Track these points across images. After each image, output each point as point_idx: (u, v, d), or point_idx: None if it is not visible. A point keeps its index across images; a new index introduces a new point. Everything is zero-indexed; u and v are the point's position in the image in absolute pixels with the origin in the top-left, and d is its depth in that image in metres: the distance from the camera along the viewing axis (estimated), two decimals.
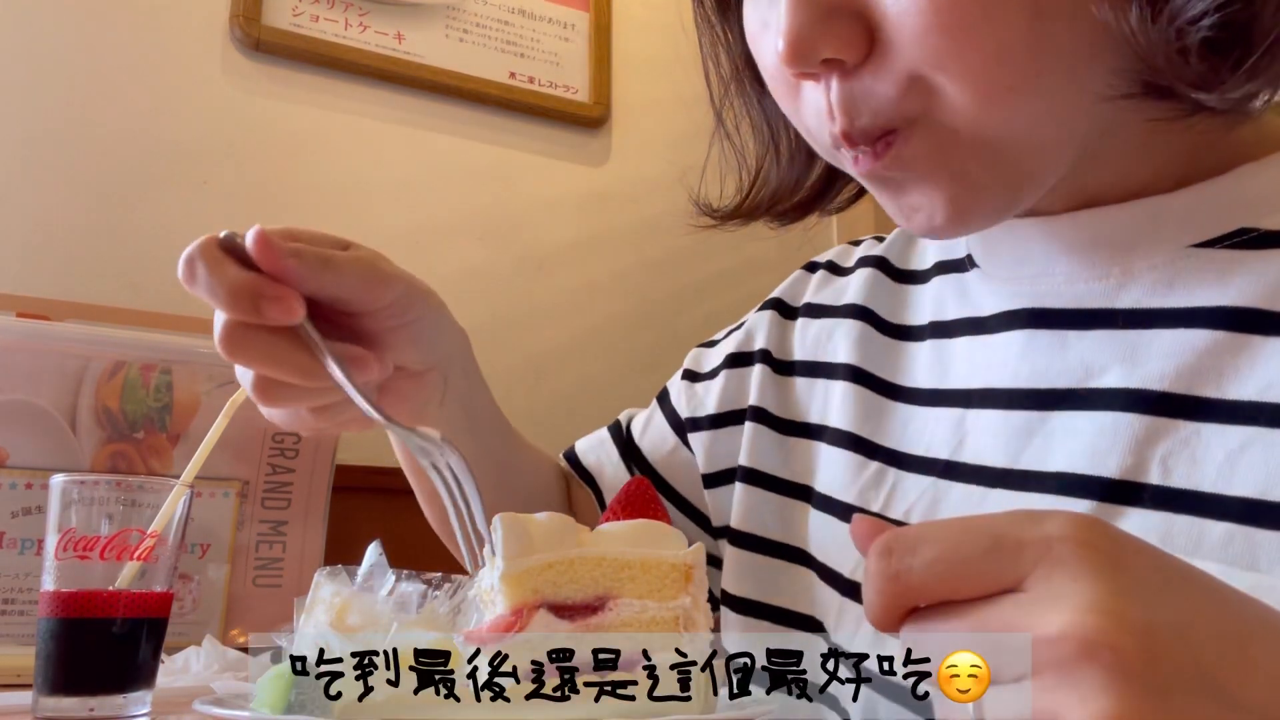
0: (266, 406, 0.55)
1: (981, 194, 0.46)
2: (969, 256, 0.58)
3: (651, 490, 0.50)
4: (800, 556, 0.62)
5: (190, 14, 1.36)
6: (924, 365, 0.59)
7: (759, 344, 0.70)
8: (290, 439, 1.04)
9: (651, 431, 0.75)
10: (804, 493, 0.63)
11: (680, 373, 0.77)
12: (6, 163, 1.23)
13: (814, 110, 0.47)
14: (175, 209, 1.31)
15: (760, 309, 0.73)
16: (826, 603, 0.59)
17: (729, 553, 0.66)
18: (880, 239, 0.69)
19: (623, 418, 0.79)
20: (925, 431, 0.56)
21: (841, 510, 0.60)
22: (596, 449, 0.78)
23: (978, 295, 0.56)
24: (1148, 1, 0.38)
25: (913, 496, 0.55)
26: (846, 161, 0.48)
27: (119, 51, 1.31)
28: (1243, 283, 0.44)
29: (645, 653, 0.45)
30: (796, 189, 0.60)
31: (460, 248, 1.49)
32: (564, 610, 0.45)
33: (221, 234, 0.51)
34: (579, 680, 0.43)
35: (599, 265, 1.59)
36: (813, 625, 0.60)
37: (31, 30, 1.27)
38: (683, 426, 0.73)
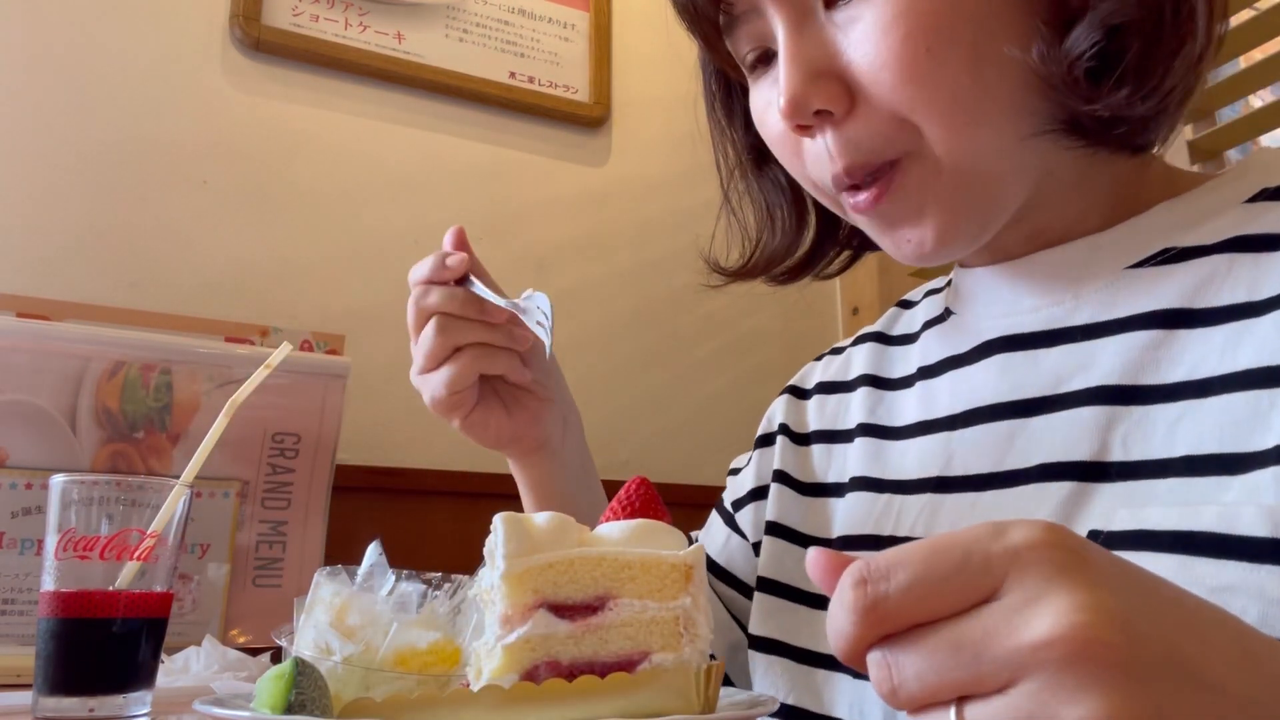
0: (442, 340, 0.74)
1: (961, 221, 0.56)
2: (947, 310, 0.69)
3: (652, 490, 0.50)
4: (820, 602, 0.66)
5: (190, 14, 1.36)
6: (914, 404, 0.68)
7: (779, 421, 0.79)
8: (290, 439, 1.04)
9: (709, 533, 0.83)
10: (824, 544, 0.69)
11: (728, 473, 0.86)
12: (7, 163, 1.23)
13: (816, 159, 0.58)
14: (175, 209, 1.31)
15: (777, 398, 0.83)
16: None
17: (756, 598, 0.71)
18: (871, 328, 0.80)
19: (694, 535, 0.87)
20: (919, 458, 0.64)
21: (857, 545, 0.65)
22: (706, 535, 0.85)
23: (957, 338, 0.66)
24: (1044, 42, 0.51)
25: (914, 514, 0.61)
26: (848, 203, 0.58)
27: (119, 51, 1.31)
28: (1167, 290, 0.55)
29: (644, 653, 0.45)
30: (789, 254, 0.72)
31: None
32: (564, 610, 0.45)
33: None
34: (579, 680, 0.43)
35: (599, 265, 1.59)
36: (832, 663, 0.63)
37: (31, 30, 1.27)
38: (730, 514, 0.81)
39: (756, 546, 0.76)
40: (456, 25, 1.52)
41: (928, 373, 0.67)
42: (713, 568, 0.80)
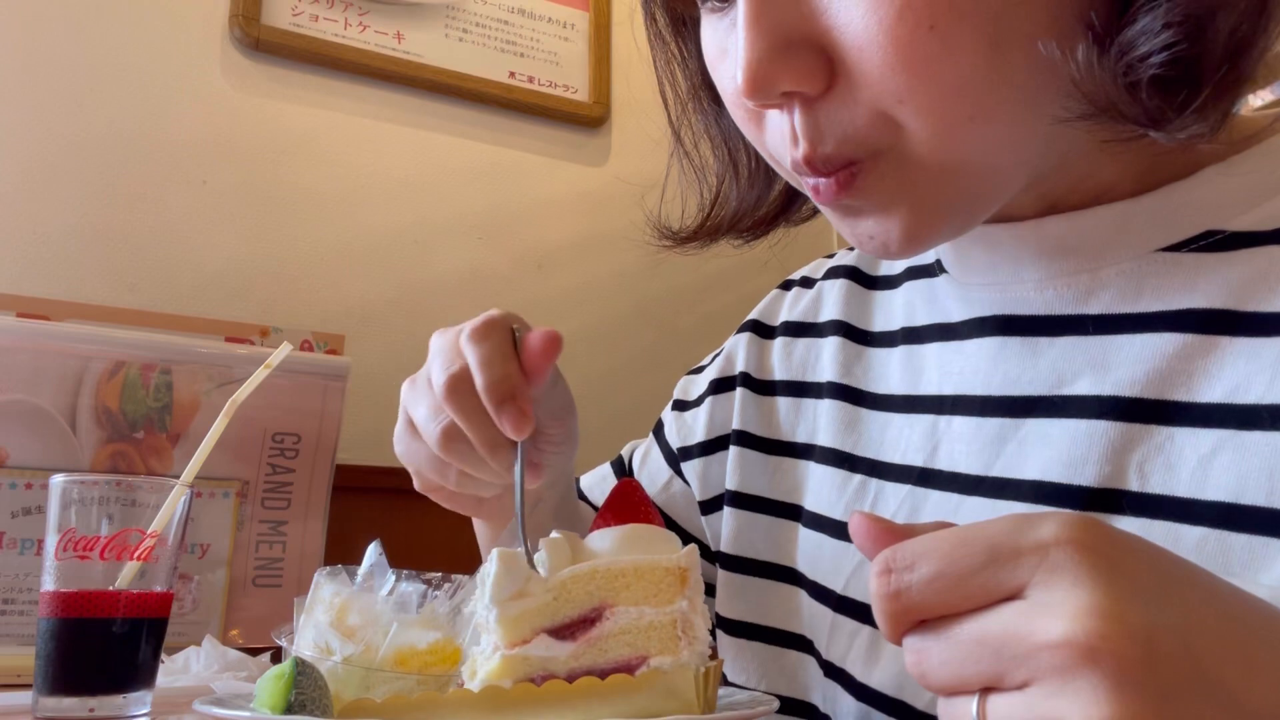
0: (446, 466, 0.58)
1: (937, 219, 0.46)
2: (938, 262, 0.58)
3: (640, 492, 0.50)
4: (790, 576, 0.62)
5: (190, 14, 1.36)
6: (896, 371, 0.59)
7: (739, 367, 0.70)
8: (290, 439, 1.04)
9: (649, 465, 0.76)
10: (793, 511, 0.64)
11: (671, 403, 0.77)
12: (6, 163, 1.23)
13: (778, 134, 0.47)
14: (175, 209, 1.31)
15: (738, 331, 0.73)
16: (818, 621, 0.59)
17: (721, 576, 0.66)
18: (852, 248, 0.69)
19: (625, 451, 0.81)
20: (900, 439, 0.57)
21: (831, 527, 0.60)
22: (600, 484, 0.79)
23: (947, 300, 0.57)
24: (1094, 40, 0.39)
25: (892, 505, 0.56)
26: (806, 186, 0.47)
27: (119, 51, 1.31)
28: (1209, 285, 0.45)
29: (643, 657, 0.45)
30: (758, 205, 0.60)
31: (460, 248, 1.50)
32: (562, 631, 0.45)
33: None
34: (579, 682, 0.43)
35: (599, 265, 1.59)
36: (804, 645, 0.60)
37: (31, 30, 1.27)
38: (676, 458, 0.74)
39: (705, 504, 0.70)
40: (456, 25, 1.52)
41: (913, 336, 0.58)
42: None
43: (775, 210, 0.60)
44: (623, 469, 0.79)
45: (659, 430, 0.77)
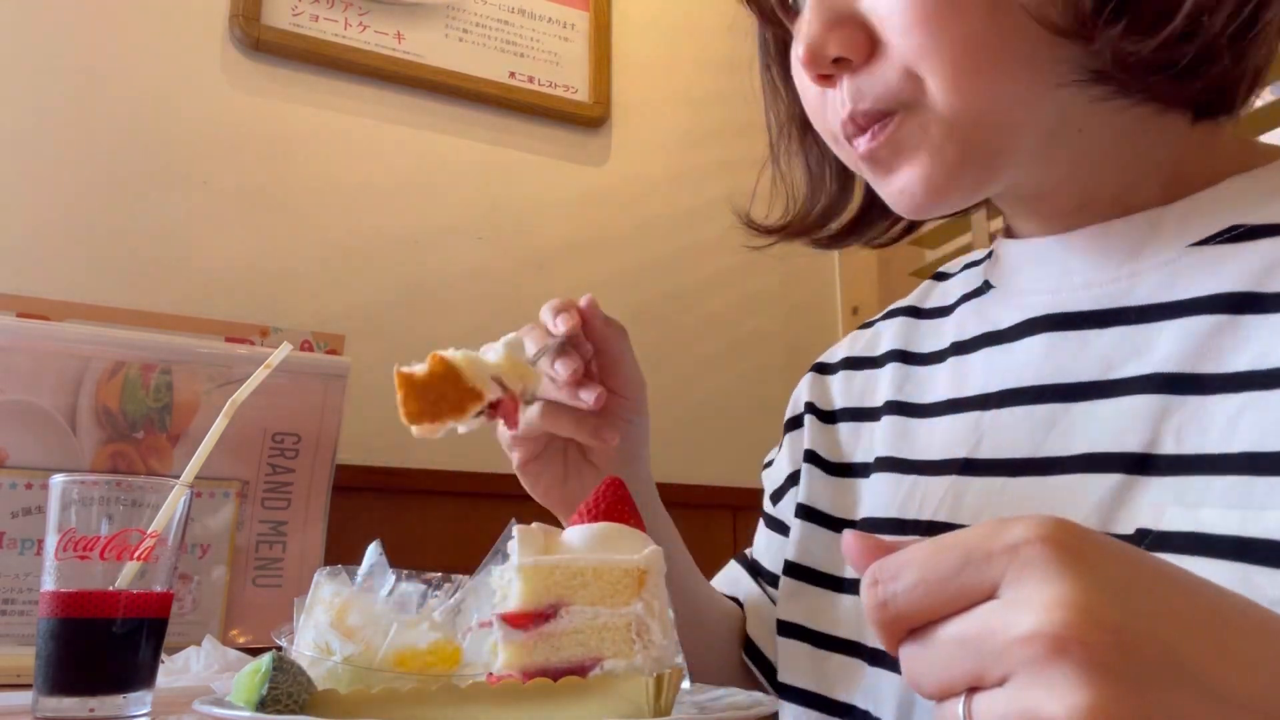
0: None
1: (956, 169, 0.53)
2: (986, 282, 0.65)
3: (622, 490, 0.49)
4: (840, 585, 0.66)
5: (190, 14, 1.36)
6: (944, 381, 0.65)
7: (804, 400, 0.77)
8: (290, 439, 1.04)
9: (760, 541, 0.82)
10: (849, 525, 0.68)
11: (763, 468, 0.84)
12: (7, 163, 1.23)
13: (833, 109, 0.57)
14: (175, 209, 1.31)
15: (803, 378, 0.80)
16: (863, 618, 0.61)
17: (783, 582, 0.70)
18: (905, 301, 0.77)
19: (748, 551, 0.84)
20: (945, 438, 0.62)
21: (881, 528, 0.63)
22: (733, 583, 0.82)
23: (995, 313, 0.63)
24: None
25: (937, 498, 0.59)
26: (851, 151, 0.56)
27: (119, 51, 1.31)
28: (1234, 270, 0.50)
29: (596, 659, 0.44)
30: (833, 215, 0.70)
31: (460, 248, 1.49)
32: (516, 620, 0.45)
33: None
34: (532, 682, 0.43)
35: (599, 265, 1.59)
36: (850, 648, 0.63)
37: (31, 30, 1.27)
38: (772, 516, 0.79)
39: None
40: (456, 25, 1.52)
41: (962, 348, 0.65)
42: (770, 578, 0.77)
43: (850, 225, 0.70)
44: (745, 561, 0.82)
45: (762, 510, 0.82)
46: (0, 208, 1.22)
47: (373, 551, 0.56)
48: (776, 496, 0.78)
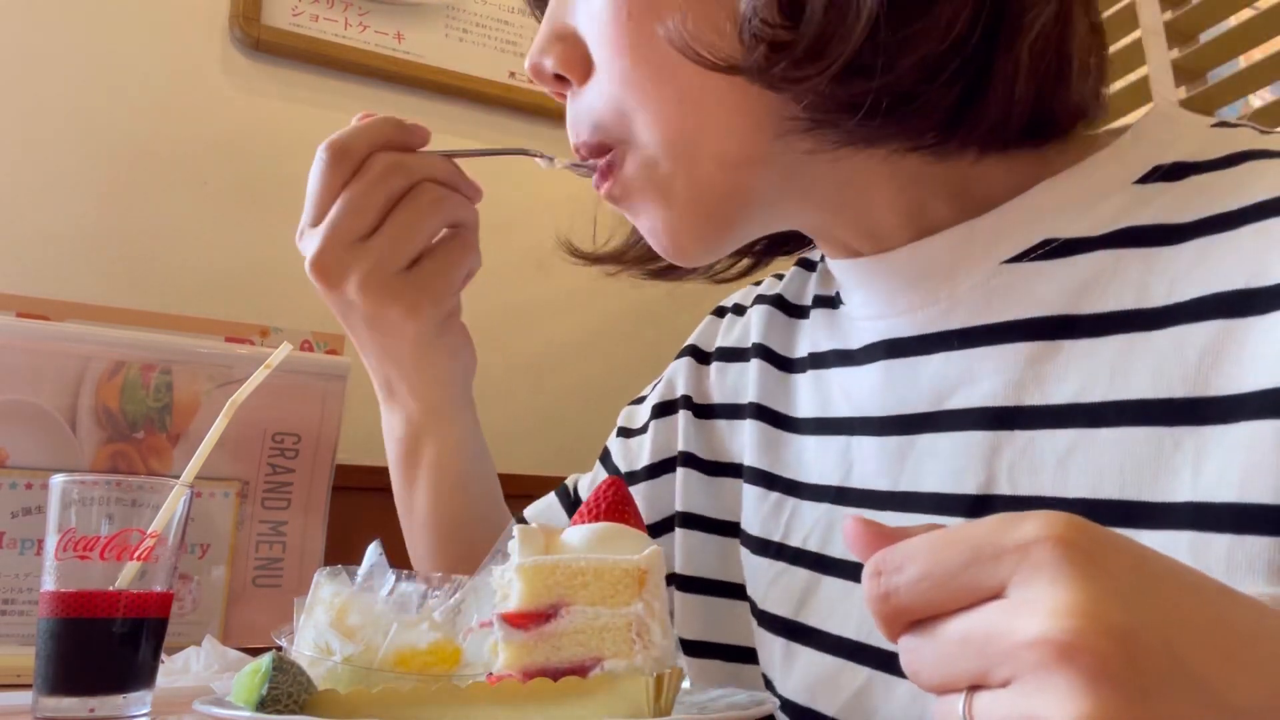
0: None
1: (688, 216, 0.50)
2: (837, 293, 0.61)
3: (624, 491, 0.49)
4: (740, 592, 0.64)
5: (190, 14, 1.36)
6: (807, 396, 0.62)
7: (680, 391, 0.73)
8: (290, 439, 1.04)
9: (589, 478, 0.79)
10: (735, 529, 0.66)
11: (615, 430, 0.79)
12: (6, 163, 1.23)
13: (570, 133, 0.53)
14: (175, 209, 1.31)
15: (678, 357, 0.76)
16: (758, 636, 0.61)
17: (677, 598, 0.67)
18: (780, 277, 0.72)
19: (569, 481, 0.82)
20: (817, 460, 0.59)
21: (754, 544, 0.62)
22: (545, 514, 0.80)
23: (845, 329, 0.60)
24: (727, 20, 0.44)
25: (809, 523, 0.58)
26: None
27: (119, 51, 1.31)
28: (1048, 292, 0.47)
29: (597, 659, 0.44)
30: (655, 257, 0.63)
31: None
32: (516, 620, 0.45)
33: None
34: (532, 682, 0.43)
35: None
36: (756, 658, 0.62)
37: (32, 30, 1.27)
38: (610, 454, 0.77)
39: (653, 528, 0.71)
40: (456, 25, 1.52)
41: (819, 362, 0.62)
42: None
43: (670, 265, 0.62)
44: (568, 497, 0.80)
45: (605, 457, 0.79)
46: (1, 208, 1.22)
47: (373, 551, 0.56)
48: (632, 478, 0.74)
